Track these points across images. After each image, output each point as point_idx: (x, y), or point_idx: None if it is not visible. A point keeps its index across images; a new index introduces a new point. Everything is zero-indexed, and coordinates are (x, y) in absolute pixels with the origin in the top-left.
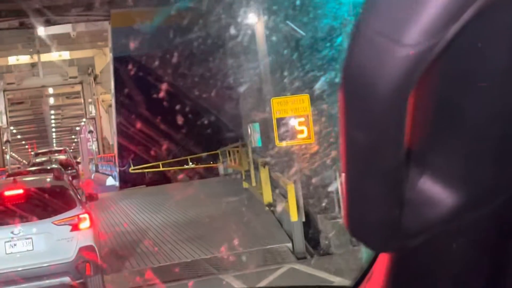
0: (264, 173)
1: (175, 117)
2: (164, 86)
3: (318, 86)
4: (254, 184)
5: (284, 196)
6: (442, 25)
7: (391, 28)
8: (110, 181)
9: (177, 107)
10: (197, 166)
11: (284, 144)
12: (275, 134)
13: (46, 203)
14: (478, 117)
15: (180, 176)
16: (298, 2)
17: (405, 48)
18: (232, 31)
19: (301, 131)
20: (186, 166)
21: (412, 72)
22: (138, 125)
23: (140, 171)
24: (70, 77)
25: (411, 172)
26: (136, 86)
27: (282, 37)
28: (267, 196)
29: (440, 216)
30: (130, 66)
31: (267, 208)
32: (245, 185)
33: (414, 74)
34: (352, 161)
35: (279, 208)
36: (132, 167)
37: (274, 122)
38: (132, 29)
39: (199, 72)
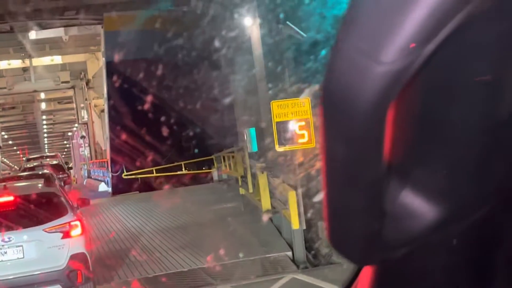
0: (262, 179)
1: (169, 121)
2: (158, 90)
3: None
4: (251, 190)
5: (283, 203)
6: (418, 43)
7: (369, 46)
8: (102, 187)
9: (171, 111)
10: (190, 172)
11: (284, 149)
12: (275, 138)
13: (37, 210)
14: (459, 130)
15: (174, 182)
16: (282, 15)
17: (382, 65)
18: (226, 36)
19: (302, 136)
20: (180, 172)
21: (389, 89)
22: (132, 130)
23: (133, 176)
24: (62, 82)
25: (392, 185)
26: (130, 90)
27: (267, 49)
28: (266, 203)
29: (422, 229)
30: (123, 70)
31: (265, 215)
32: (242, 191)
33: (391, 91)
34: (332, 175)
35: (278, 215)
36: (125, 173)
37: (274, 126)
38: (125, 33)
39: (193, 76)
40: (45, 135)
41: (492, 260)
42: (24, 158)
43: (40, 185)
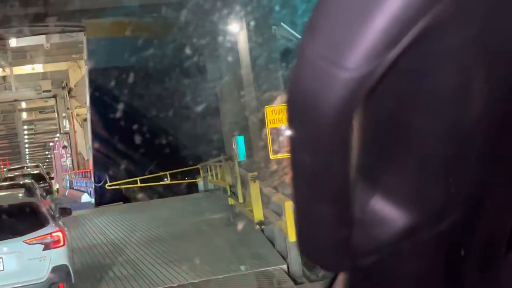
0: (254, 189)
1: (154, 130)
2: (142, 99)
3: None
4: (241, 200)
5: (278, 213)
6: (381, 49)
7: (332, 52)
8: (85, 198)
9: (157, 120)
10: (176, 181)
11: (279, 156)
12: (269, 146)
13: (17, 220)
14: (426, 136)
15: (159, 192)
16: (252, 23)
17: (346, 71)
18: (209, 43)
19: None
20: (165, 182)
21: (353, 95)
22: (115, 139)
23: (117, 187)
24: (44, 91)
25: (362, 192)
26: (113, 98)
27: (255, 54)
28: (258, 214)
29: (391, 236)
30: (106, 78)
31: (257, 226)
32: (231, 201)
33: (356, 97)
34: (299, 182)
35: (271, 226)
36: (109, 183)
37: (268, 132)
38: (108, 40)
39: (177, 84)
40: (26, 145)
41: (462, 267)
42: (5, 169)
43: (20, 195)
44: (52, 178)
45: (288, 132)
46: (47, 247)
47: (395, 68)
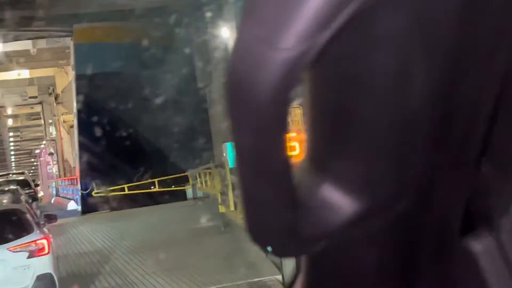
0: None
1: (142, 137)
2: (130, 105)
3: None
4: (232, 208)
5: None
6: (314, 30)
7: (266, 32)
8: (72, 206)
9: (144, 126)
10: (164, 189)
11: None
12: None
13: (1, 227)
14: (371, 122)
15: (147, 200)
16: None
17: (279, 52)
18: (199, 48)
19: (293, 148)
20: (153, 189)
21: (288, 76)
22: (102, 146)
23: (104, 194)
24: (30, 97)
25: (312, 179)
26: (100, 105)
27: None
28: None
29: (341, 223)
30: (93, 84)
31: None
32: (222, 209)
33: (291, 78)
34: (241, 165)
35: None
36: (96, 191)
37: None
38: (96, 45)
39: (166, 89)
40: (12, 152)
41: (416, 252)
42: None
43: (5, 201)
44: (37, 185)
45: (228, 116)
46: (31, 255)
47: (333, 51)
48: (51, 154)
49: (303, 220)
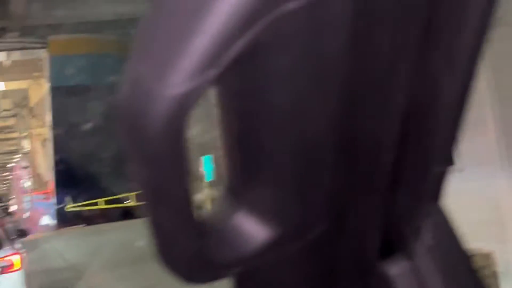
0: None
1: (118, 150)
2: (106, 118)
3: None
4: None
5: None
6: (204, 65)
7: (155, 69)
8: (46, 220)
9: (120, 140)
10: (140, 203)
11: None
12: None
13: None
14: (276, 152)
15: (123, 214)
16: None
17: (169, 88)
18: None
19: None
20: (129, 204)
21: (180, 111)
22: (78, 159)
23: (79, 209)
24: (4, 110)
25: (227, 206)
26: (76, 118)
27: None
28: None
29: (253, 250)
30: (68, 97)
31: None
32: None
33: (183, 114)
34: (144, 194)
35: None
36: (70, 205)
37: None
38: (71, 57)
39: None
40: None
41: (334, 279)
42: None
43: None
44: (10, 199)
45: (123, 147)
46: (2, 271)
47: (229, 86)
48: (25, 167)
49: (214, 247)
